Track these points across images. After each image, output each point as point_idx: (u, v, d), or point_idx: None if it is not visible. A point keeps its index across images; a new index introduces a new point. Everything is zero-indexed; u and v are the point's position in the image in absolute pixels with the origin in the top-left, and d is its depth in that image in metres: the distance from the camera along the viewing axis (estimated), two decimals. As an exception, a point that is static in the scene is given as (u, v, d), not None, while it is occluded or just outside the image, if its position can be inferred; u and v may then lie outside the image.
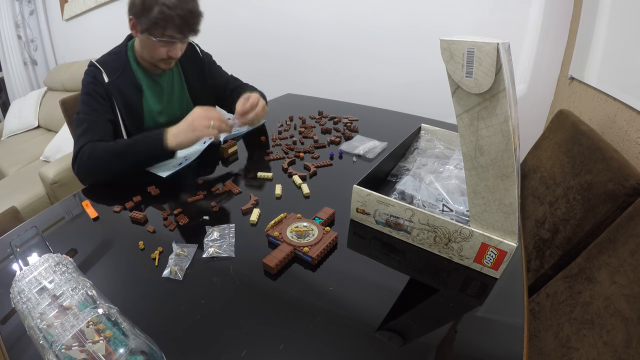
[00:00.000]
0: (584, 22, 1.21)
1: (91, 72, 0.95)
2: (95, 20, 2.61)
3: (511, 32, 1.45)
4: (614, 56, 1.00)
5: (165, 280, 0.58)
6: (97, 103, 0.93)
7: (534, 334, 0.74)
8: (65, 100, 1.21)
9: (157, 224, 0.72)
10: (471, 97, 0.49)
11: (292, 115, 1.27)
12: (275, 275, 0.60)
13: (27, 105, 2.64)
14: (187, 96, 1.13)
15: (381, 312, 0.54)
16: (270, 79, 1.92)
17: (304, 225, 0.68)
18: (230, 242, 0.66)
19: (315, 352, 0.48)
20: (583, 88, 1.17)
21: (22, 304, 0.43)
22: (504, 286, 0.59)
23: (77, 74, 2.32)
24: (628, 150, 0.86)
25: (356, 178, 0.71)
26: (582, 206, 0.77)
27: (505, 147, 0.50)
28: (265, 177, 0.88)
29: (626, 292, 0.57)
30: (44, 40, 3.06)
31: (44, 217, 0.77)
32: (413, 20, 1.61)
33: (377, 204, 0.67)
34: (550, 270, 0.80)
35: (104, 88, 0.94)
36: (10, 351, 0.48)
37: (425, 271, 0.62)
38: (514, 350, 0.48)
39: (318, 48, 1.90)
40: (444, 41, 0.46)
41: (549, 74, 1.45)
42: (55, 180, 1.60)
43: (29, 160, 2.16)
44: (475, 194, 0.56)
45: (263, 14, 1.96)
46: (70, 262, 0.51)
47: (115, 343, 0.41)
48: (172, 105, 1.10)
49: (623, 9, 0.97)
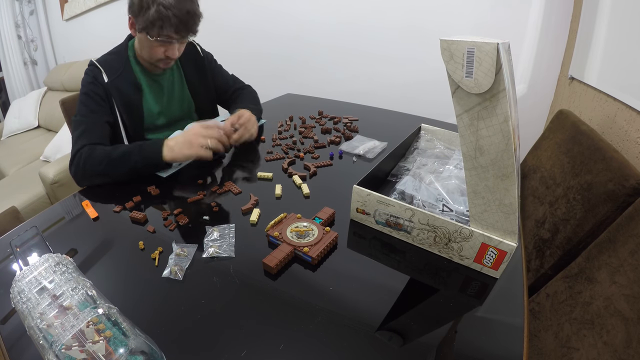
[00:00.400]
0: (584, 22, 1.21)
1: (91, 72, 0.95)
2: (95, 20, 2.61)
3: (511, 32, 1.45)
4: (614, 56, 1.00)
5: (165, 280, 0.58)
6: (96, 104, 0.93)
7: (534, 334, 0.74)
8: (65, 100, 1.21)
9: (157, 224, 0.72)
10: (471, 97, 0.49)
11: (292, 115, 1.27)
12: (275, 275, 0.60)
13: (27, 105, 2.64)
14: (188, 95, 1.13)
15: (381, 312, 0.54)
16: (270, 79, 1.92)
17: (304, 225, 0.68)
18: (230, 242, 0.66)
19: (315, 352, 0.48)
20: (583, 88, 1.17)
21: (22, 304, 0.43)
22: (504, 286, 0.59)
23: (77, 74, 2.32)
24: (628, 150, 0.86)
25: (356, 178, 0.71)
26: (582, 206, 0.77)
27: (505, 147, 0.50)
28: (265, 177, 0.88)
29: (626, 292, 0.57)
30: (44, 40, 3.06)
31: (44, 217, 0.77)
32: (413, 20, 1.61)
33: (377, 204, 0.67)
34: (550, 270, 0.80)
35: (104, 88, 0.94)
36: (10, 351, 0.48)
37: (425, 271, 0.62)
38: (514, 350, 0.48)
39: (318, 48, 1.90)
40: (444, 41, 0.46)
41: (549, 74, 1.45)
42: (55, 180, 1.61)
43: (29, 160, 2.16)
44: (475, 194, 0.56)
45: (263, 14, 1.96)
46: (70, 262, 0.51)
47: (115, 343, 0.41)
48: (173, 104, 1.10)
49: (623, 9, 0.97)
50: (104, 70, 0.94)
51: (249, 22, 2.03)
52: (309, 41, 1.90)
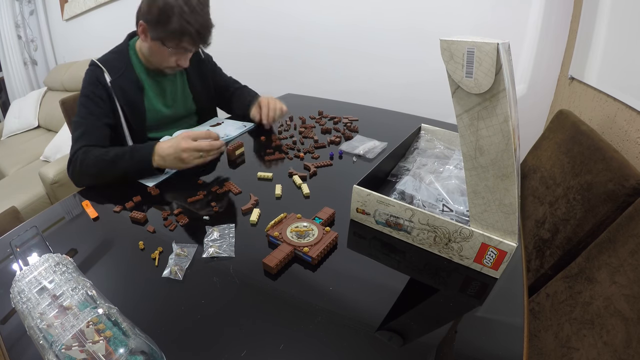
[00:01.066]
0: (584, 22, 1.20)
1: (92, 72, 0.94)
2: (95, 20, 2.61)
3: (511, 32, 1.45)
4: (614, 56, 1.00)
5: (165, 280, 0.58)
6: (96, 106, 0.92)
7: (534, 334, 0.74)
8: (65, 100, 1.21)
9: (157, 224, 0.72)
10: (471, 97, 0.49)
11: (292, 115, 1.27)
12: (275, 275, 0.60)
13: (27, 105, 2.64)
14: (190, 96, 1.14)
15: (381, 312, 0.54)
16: (271, 79, 1.93)
17: (304, 225, 0.68)
18: (230, 242, 0.66)
19: (315, 352, 0.48)
20: (583, 88, 1.17)
21: (22, 304, 0.43)
22: (504, 286, 0.59)
23: (77, 74, 2.31)
24: (628, 150, 0.86)
25: (356, 178, 0.71)
26: (582, 206, 0.77)
27: (505, 147, 0.50)
28: (265, 177, 0.88)
29: (626, 292, 0.57)
30: (44, 40, 3.06)
31: (44, 217, 0.77)
32: (413, 21, 1.60)
33: (377, 204, 0.67)
34: (550, 270, 0.80)
35: (105, 89, 0.94)
36: (10, 351, 0.48)
37: (425, 271, 0.62)
38: (514, 350, 0.48)
39: (318, 48, 1.90)
40: (444, 41, 0.46)
41: (549, 74, 1.45)
42: (55, 180, 1.61)
43: (29, 160, 2.16)
44: (475, 194, 0.56)
45: (263, 15, 1.96)
46: (70, 262, 0.51)
47: (115, 343, 0.41)
48: (175, 104, 1.10)
49: (623, 9, 0.97)
50: (106, 69, 0.94)
51: (249, 23, 2.03)
52: (310, 41, 1.91)
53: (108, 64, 0.95)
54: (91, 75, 0.94)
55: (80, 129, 0.90)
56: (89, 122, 0.91)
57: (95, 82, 0.93)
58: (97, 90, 0.93)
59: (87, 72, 0.95)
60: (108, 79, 0.94)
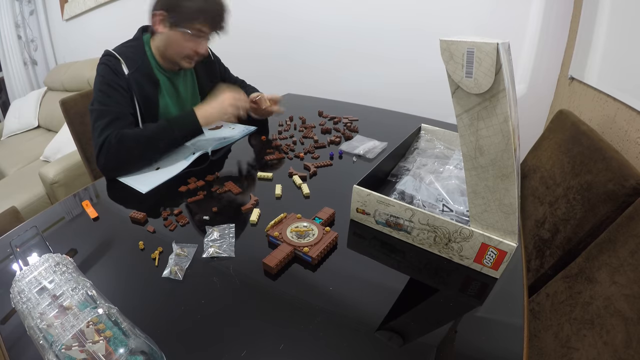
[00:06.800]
0: (584, 22, 1.20)
1: (110, 62, 0.91)
2: (95, 20, 2.61)
3: (511, 32, 1.45)
4: (614, 56, 1.00)
5: (165, 280, 0.58)
6: (120, 95, 0.90)
7: (534, 334, 0.74)
8: (65, 100, 1.21)
9: (157, 224, 0.72)
10: (471, 97, 0.49)
11: (292, 115, 1.27)
12: (275, 275, 0.60)
13: (27, 105, 2.64)
14: (199, 97, 1.15)
15: (381, 312, 0.54)
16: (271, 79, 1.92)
17: (304, 225, 0.68)
18: (230, 242, 0.66)
19: (315, 352, 0.48)
20: (583, 88, 1.17)
21: (22, 304, 0.43)
22: (504, 286, 0.59)
23: (77, 74, 2.31)
24: (628, 150, 0.86)
25: (356, 178, 0.71)
26: (582, 206, 0.77)
27: (505, 147, 0.50)
28: (265, 177, 0.88)
29: (626, 292, 0.57)
30: (44, 40, 3.06)
31: (44, 217, 0.77)
32: (413, 21, 1.60)
33: (377, 204, 0.67)
34: (550, 270, 0.80)
35: (125, 80, 0.92)
36: (10, 351, 0.48)
37: (425, 271, 0.62)
38: (514, 350, 0.48)
39: (318, 48, 1.90)
40: (443, 41, 0.46)
41: (549, 74, 1.45)
42: (55, 180, 1.60)
43: (29, 160, 2.16)
44: (475, 194, 0.56)
45: (263, 15, 1.96)
46: (70, 262, 0.51)
47: (115, 343, 0.41)
48: (185, 104, 1.11)
49: (623, 9, 0.97)
50: (123, 61, 0.92)
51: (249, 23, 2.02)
52: (310, 41, 1.91)
53: (124, 56, 0.93)
54: (110, 64, 0.91)
55: (107, 117, 0.86)
56: (117, 110, 0.89)
57: (115, 72, 0.91)
58: (118, 81, 0.91)
59: (104, 61, 0.92)
60: (126, 71, 0.92)
